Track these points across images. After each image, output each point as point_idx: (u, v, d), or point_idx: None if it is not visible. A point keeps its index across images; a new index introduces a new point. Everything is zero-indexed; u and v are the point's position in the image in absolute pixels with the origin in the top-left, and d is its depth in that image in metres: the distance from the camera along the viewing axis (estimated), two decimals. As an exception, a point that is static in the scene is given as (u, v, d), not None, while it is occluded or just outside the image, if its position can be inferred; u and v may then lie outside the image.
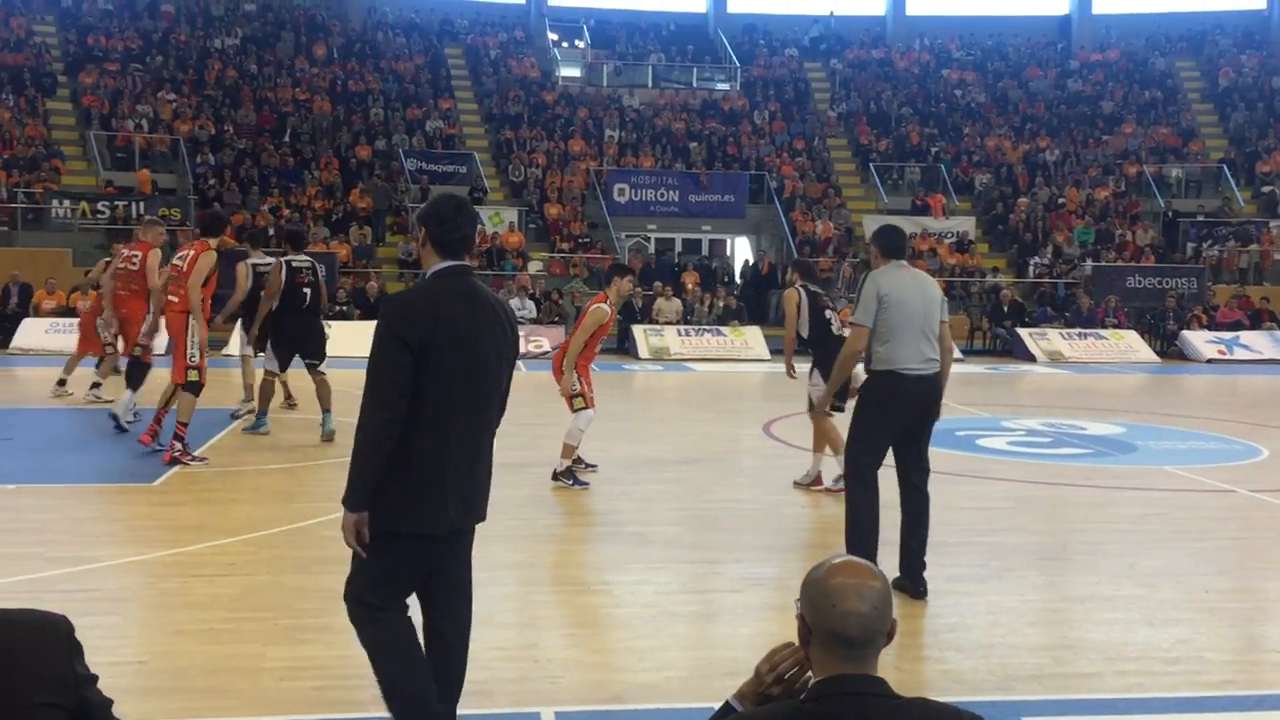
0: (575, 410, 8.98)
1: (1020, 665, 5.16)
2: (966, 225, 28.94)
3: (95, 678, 2.32)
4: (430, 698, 3.84)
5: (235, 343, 14.46)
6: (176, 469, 9.12)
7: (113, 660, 4.60)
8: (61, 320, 19.93)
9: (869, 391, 6.26)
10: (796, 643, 2.43)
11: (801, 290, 9.28)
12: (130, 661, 4.86)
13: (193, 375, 9.46)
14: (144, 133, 27.05)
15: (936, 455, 10.70)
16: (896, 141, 31.81)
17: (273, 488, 8.65)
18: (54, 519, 7.46)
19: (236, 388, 12.84)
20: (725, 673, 5.04)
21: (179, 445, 9.35)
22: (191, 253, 9.68)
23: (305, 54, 31.80)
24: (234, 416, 11.99)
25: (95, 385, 13.19)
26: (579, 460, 9.17)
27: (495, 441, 4.04)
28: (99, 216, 24.22)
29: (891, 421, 6.17)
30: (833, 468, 8.83)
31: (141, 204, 24.60)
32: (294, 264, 11.00)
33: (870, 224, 28.56)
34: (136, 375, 11.19)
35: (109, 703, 2.34)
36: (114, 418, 11.00)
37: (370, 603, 3.79)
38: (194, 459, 9.41)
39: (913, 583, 6.09)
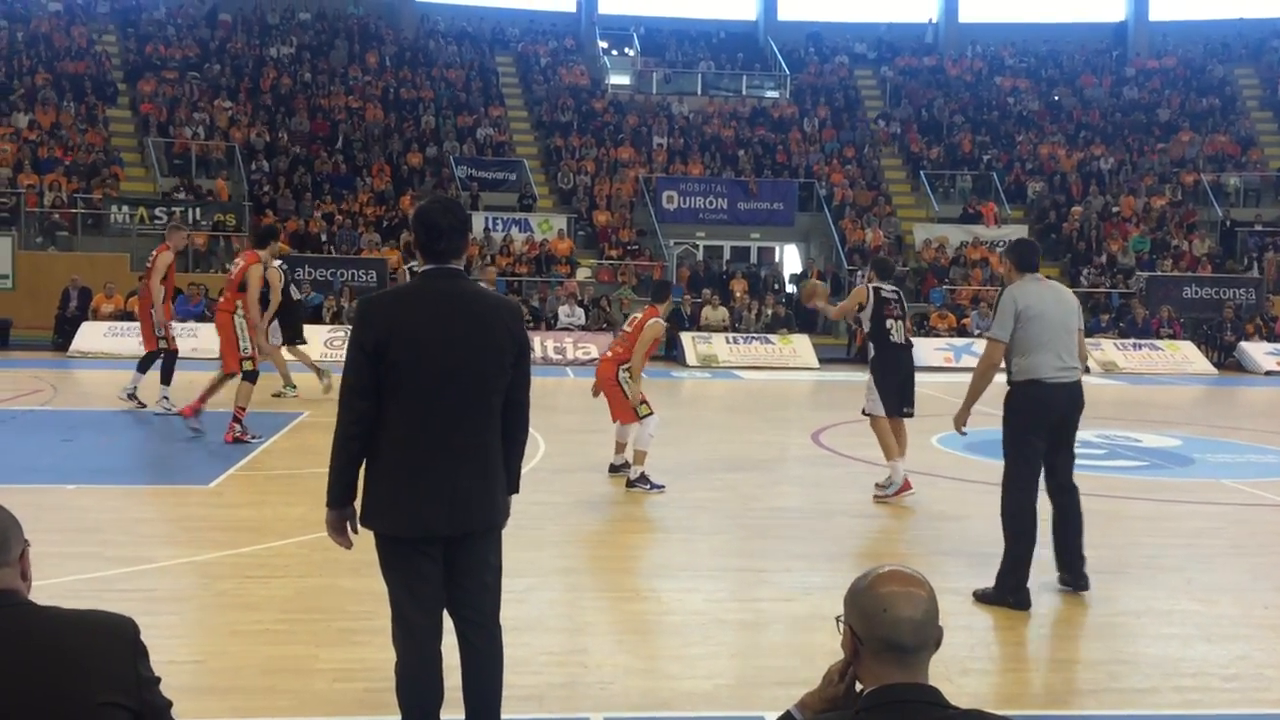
0: (643, 417, 9.24)
1: (1075, 680, 5.10)
2: (1019, 233, 28.61)
3: (158, 680, 2.35)
4: (427, 716, 3.82)
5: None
6: (231, 471, 9.26)
7: (170, 659, 4.67)
8: (120, 324, 20.30)
9: (1014, 403, 6.35)
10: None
11: (871, 290, 9.30)
12: (187, 661, 4.94)
13: (247, 365, 10.88)
14: (200, 140, 27.49)
15: (988, 466, 10.59)
16: (948, 149, 31.57)
17: (322, 488, 8.73)
18: (112, 519, 7.59)
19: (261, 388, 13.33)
20: (775, 682, 5.02)
21: (238, 426, 10.53)
22: (242, 262, 10.45)
23: (358, 62, 32.17)
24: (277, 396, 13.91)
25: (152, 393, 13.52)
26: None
27: (539, 447, 4.02)
28: (156, 222, 24.63)
29: (1039, 428, 6.32)
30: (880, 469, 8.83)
31: (198, 209, 25.03)
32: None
33: (921, 232, 28.46)
34: (158, 364, 12.73)
35: (168, 704, 2.37)
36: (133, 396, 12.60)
37: (395, 601, 3.82)
38: (253, 437, 10.62)
39: (1075, 578, 6.29)
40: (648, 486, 9.09)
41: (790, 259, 30.60)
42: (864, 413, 9.15)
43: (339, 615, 5.65)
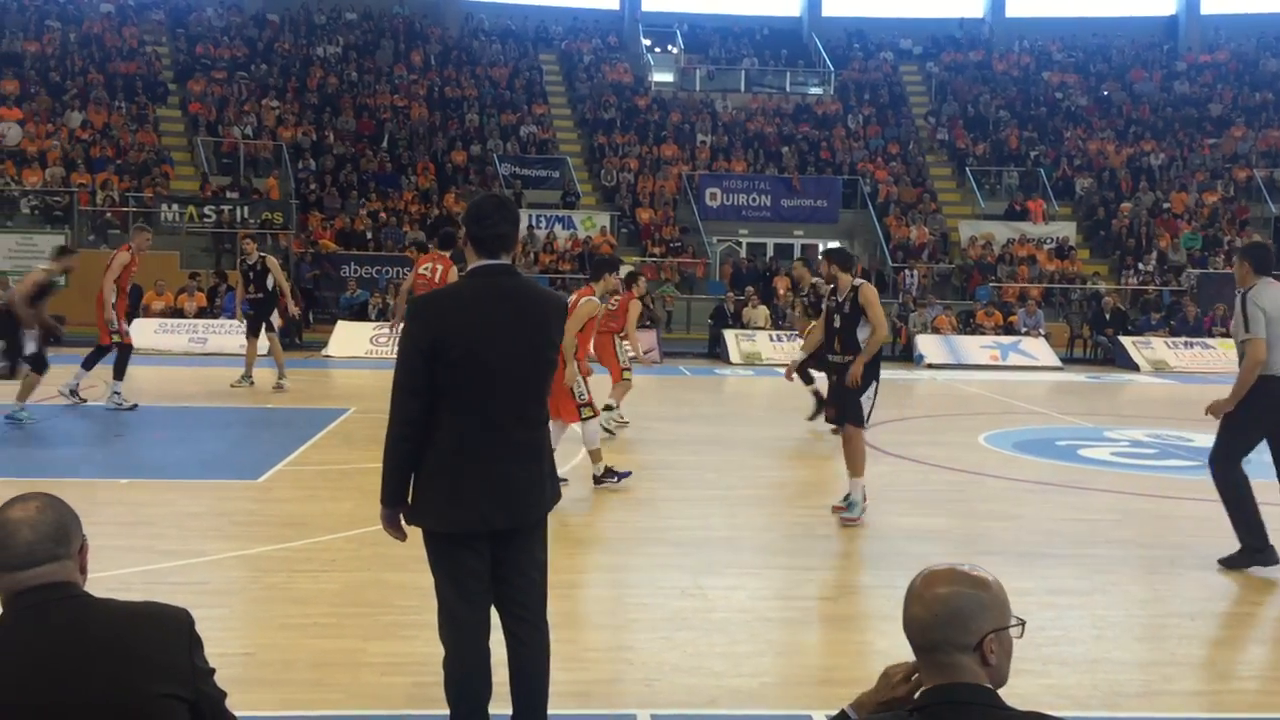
0: (584, 419, 8.76)
1: (1127, 682, 5.03)
2: (1067, 231, 28.33)
3: (212, 671, 2.38)
4: (475, 711, 3.84)
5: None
6: (280, 466, 9.36)
7: (221, 651, 4.70)
8: (170, 320, 20.59)
9: (1250, 396, 6.70)
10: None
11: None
12: (237, 653, 4.99)
13: None
14: (249, 139, 27.80)
15: (1036, 465, 10.48)
16: (994, 145, 31.26)
17: (373, 486, 8.76)
18: (163, 513, 7.70)
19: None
20: (820, 680, 5.00)
21: None
22: (440, 267, 11.38)
23: (404, 61, 32.40)
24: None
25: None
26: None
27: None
28: (205, 220, 24.97)
29: (1265, 421, 6.76)
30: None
31: (245, 208, 25.32)
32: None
33: (966, 229, 28.20)
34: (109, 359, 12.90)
35: (223, 695, 2.40)
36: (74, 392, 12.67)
37: (442, 597, 3.83)
38: None
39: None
40: (615, 480, 8.88)
41: (834, 256, 30.42)
42: (852, 422, 8.00)
43: (387, 610, 5.69)
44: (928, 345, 21.99)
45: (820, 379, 11.76)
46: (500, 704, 3.91)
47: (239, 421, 12.49)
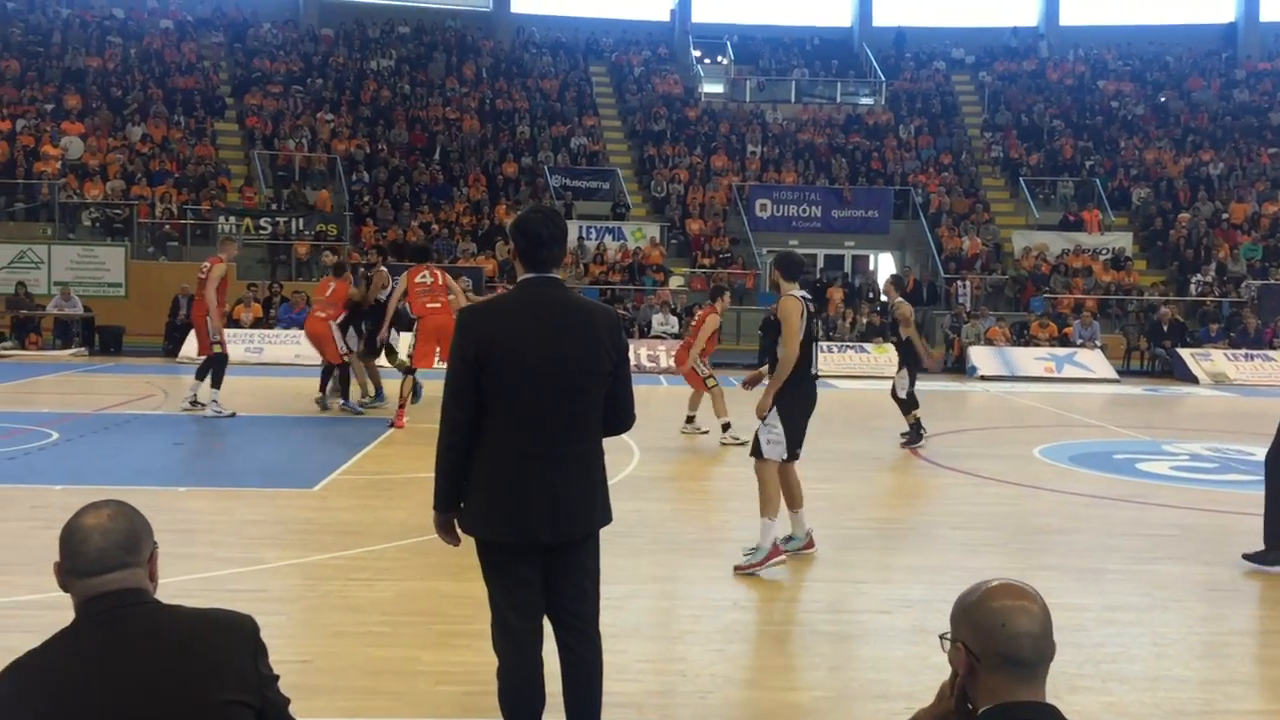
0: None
1: (1187, 700, 4.94)
2: (1123, 241, 27.94)
3: (277, 677, 2.40)
4: (529, 717, 3.84)
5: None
6: (335, 475, 9.46)
7: (278, 658, 4.71)
8: (227, 330, 20.83)
9: None
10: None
11: (802, 301, 6.99)
12: (294, 660, 5.04)
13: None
14: (304, 152, 28.19)
15: (1093, 479, 10.35)
16: (1048, 155, 30.92)
17: (426, 495, 8.85)
18: (222, 521, 7.81)
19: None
20: (875, 695, 4.96)
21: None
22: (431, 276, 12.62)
23: (455, 74, 32.70)
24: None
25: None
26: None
27: (633, 455, 4.02)
28: (261, 232, 25.34)
29: None
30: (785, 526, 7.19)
31: (301, 220, 25.67)
32: None
33: (1020, 240, 27.90)
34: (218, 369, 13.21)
35: (286, 701, 2.43)
36: (200, 404, 13.11)
37: (495, 607, 3.85)
38: None
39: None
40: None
41: (885, 267, 30.25)
42: (753, 454, 7.10)
43: (440, 619, 5.73)
44: (980, 357, 21.78)
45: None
46: (554, 714, 3.92)
47: (295, 431, 12.65)
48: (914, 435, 12.02)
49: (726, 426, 11.94)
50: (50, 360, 19.77)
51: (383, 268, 15.21)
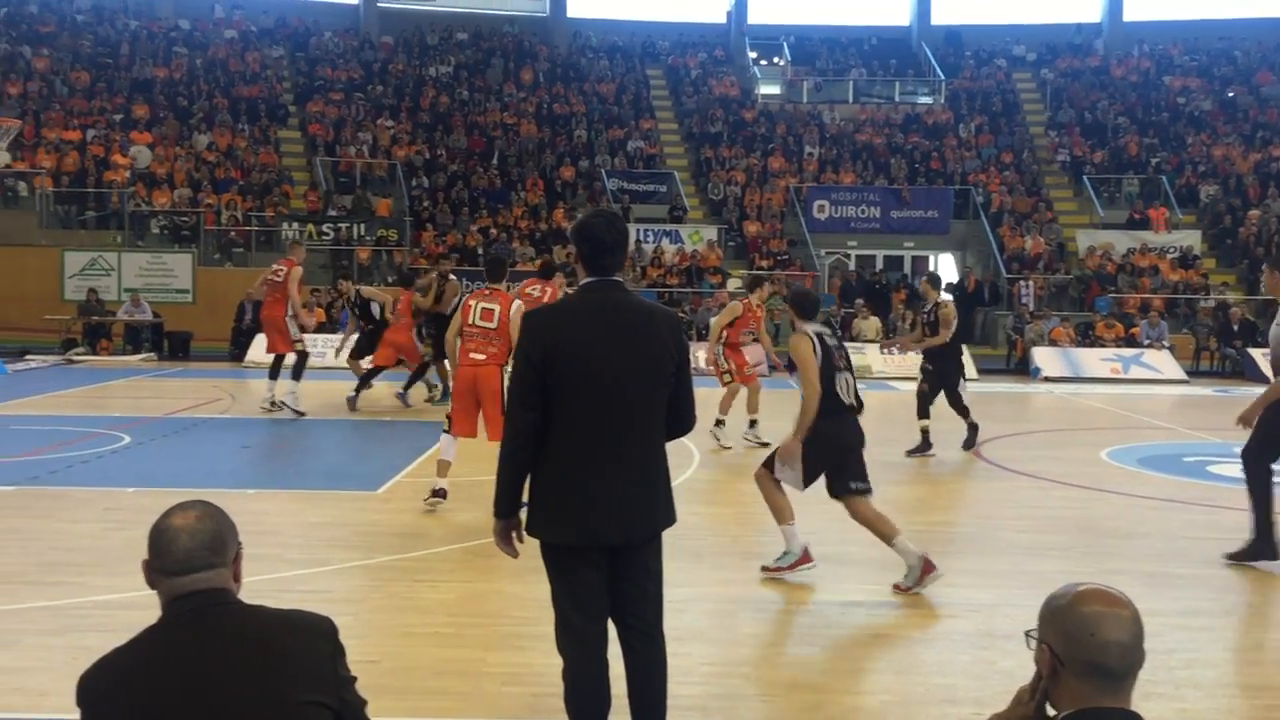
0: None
1: (1264, 708, 4.84)
2: (1191, 239, 27.40)
3: (354, 679, 2.43)
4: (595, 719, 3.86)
5: None
6: (398, 477, 9.57)
7: (348, 659, 4.84)
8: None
9: None
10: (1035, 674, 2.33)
11: (814, 338, 6.60)
12: (362, 660, 5.05)
13: None
14: (364, 158, 28.55)
15: (1162, 481, 10.16)
16: (1113, 153, 30.41)
17: (488, 497, 8.92)
18: (288, 523, 7.93)
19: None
20: (941, 700, 4.91)
21: None
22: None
23: (513, 79, 32.92)
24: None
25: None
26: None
27: (694, 458, 4.02)
28: (324, 238, 25.70)
29: None
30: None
31: (362, 225, 25.99)
32: None
33: (1084, 239, 27.48)
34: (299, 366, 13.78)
35: (363, 703, 2.45)
36: (282, 405, 13.37)
37: (560, 609, 3.87)
38: None
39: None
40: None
41: (946, 268, 29.94)
42: (765, 465, 6.93)
43: (504, 620, 5.78)
44: (1044, 358, 21.48)
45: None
46: (619, 716, 3.92)
47: (358, 434, 12.81)
48: (923, 445, 11.54)
49: (720, 423, 11.80)
50: (121, 365, 20.20)
51: (452, 277, 15.55)
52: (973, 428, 11.78)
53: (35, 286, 23.16)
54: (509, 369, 9.84)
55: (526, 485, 3.89)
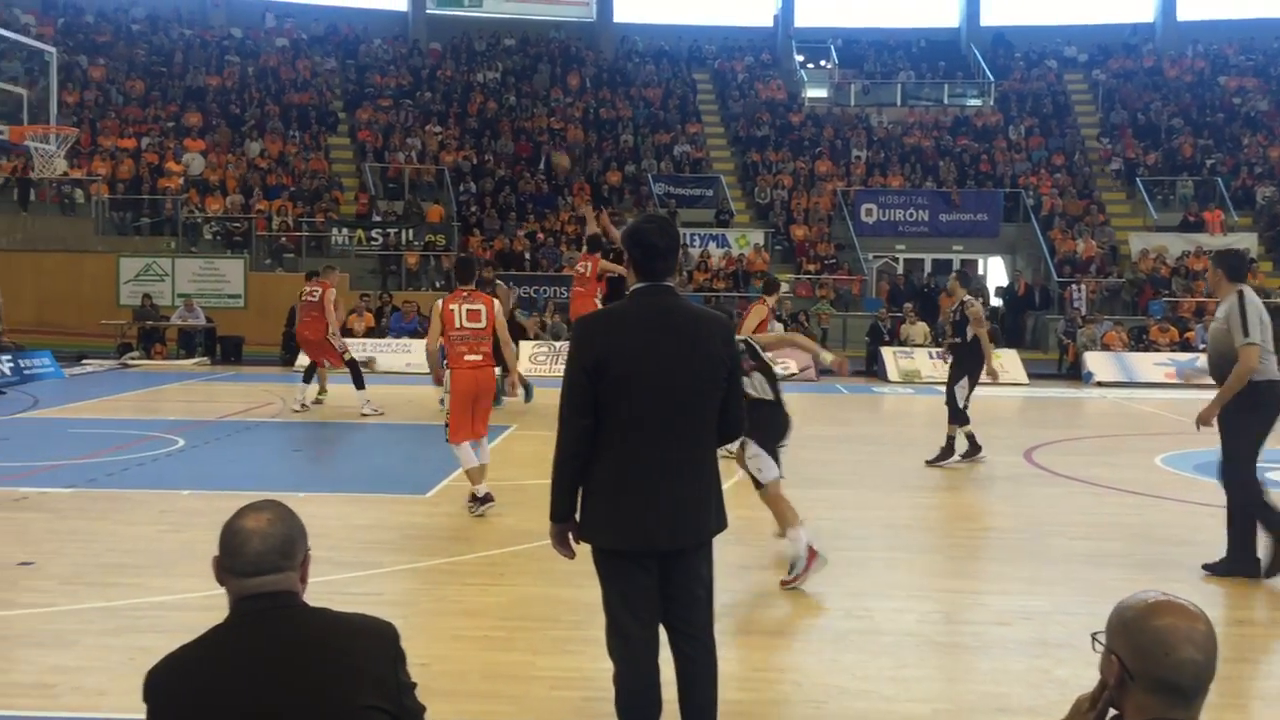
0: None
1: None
2: (1247, 242, 26.88)
3: (414, 685, 2.44)
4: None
5: None
6: (447, 481, 9.61)
7: (398, 660, 4.87)
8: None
9: (1257, 401, 6.59)
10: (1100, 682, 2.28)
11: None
12: (413, 663, 5.05)
13: None
14: (413, 164, 28.78)
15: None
16: (1166, 154, 29.97)
17: (535, 501, 8.94)
18: (339, 526, 7.99)
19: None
20: (995, 709, 4.85)
21: None
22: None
23: (560, 84, 33.05)
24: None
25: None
26: None
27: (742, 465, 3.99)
28: (373, 243, 25.93)
29: (1269, 426, 6.70)
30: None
31: (410, 231, 26.19)
32: None
33: (1137, 241, 27.11)
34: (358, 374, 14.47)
35: (422, 709, 2.45)
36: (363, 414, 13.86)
37: (611, 613, 3.86)
38: None
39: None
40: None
41: (995, 271, 29.65)
42: (758, 488, 7.05)
43: (554, 624, 5.78)
44: (1097, 363, 21.19)
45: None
46: (670, 721, 3.91)
47: (406, 438, 12.89)
48: (946, 452, 11.07)
49: None
50: (175, 369, 20.50)
51: (501, 283, 15.69)
52: (950, 443, 11.07)
53: (91, 292, 23.59)
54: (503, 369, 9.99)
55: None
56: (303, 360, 20.86)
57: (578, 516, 3.88)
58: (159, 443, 11.64)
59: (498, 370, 9.29)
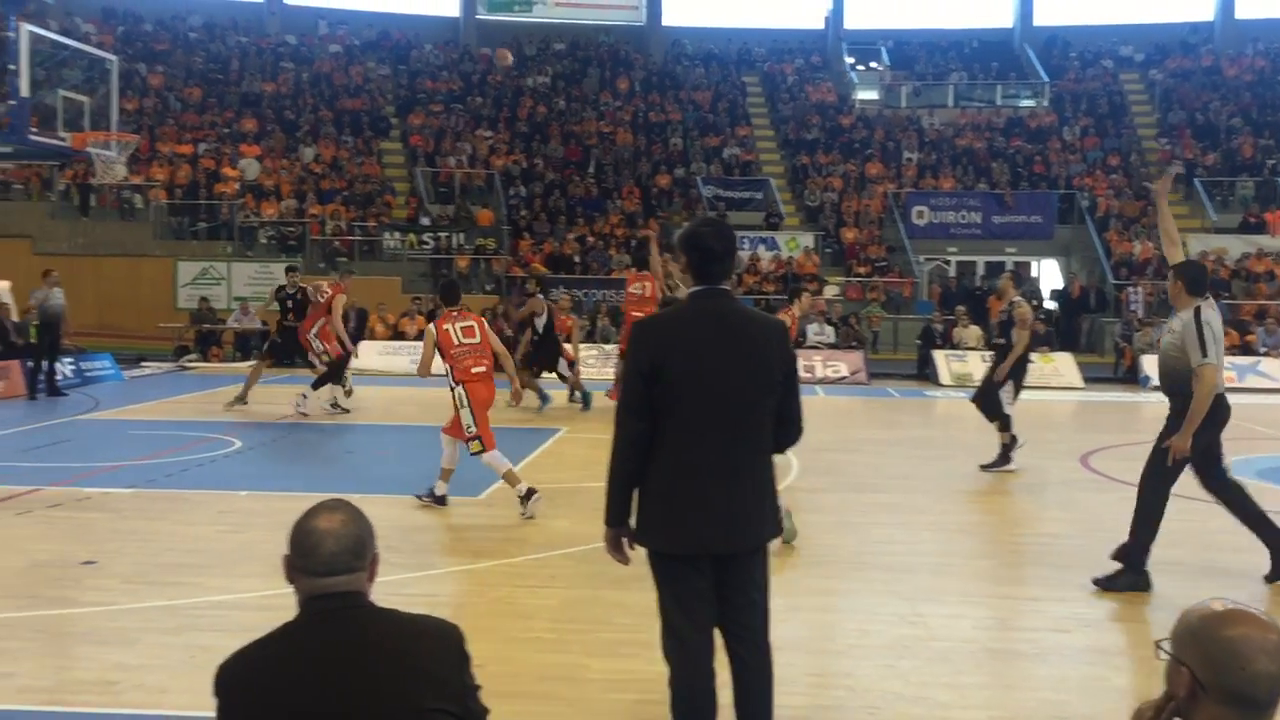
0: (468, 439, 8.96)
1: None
2: (1310, 243, 26.38)
3: (479, 688, 2.45)
4: None
5: None
6: (499, 483, 9.66)
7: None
8: (393, 343, 21.61)
9: (1212, 415, 6.52)
10: (1164, 692, 2.23)
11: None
12: (467, 664, 5.17)
13: None
14: (463, 168, 28.99)
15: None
16: (1225, 155, 29.44)
17: (587, 504, 8.97)
18: (393, 527, 8.05)
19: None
20: (1053, 717, 4.80)
21: None
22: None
23: (609, 88, 33.13)
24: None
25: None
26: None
27: (792, 466, 3.98)
28: (424, 247, 26.15)
29: (1215, 436, 6.68)
30: None
31: (461, 235, 26.38)
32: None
33: (1196, 243, 26.62)
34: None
35: (485, 712, 2.46)
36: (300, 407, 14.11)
37: (666, 617, 3.86)
38: None
39: None
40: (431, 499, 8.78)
41: (1049, 274, 29.29)
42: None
43: (606, 627, 5.79)
44: (1154, 366, 20.81)
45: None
46: (725, 725, 3.90)
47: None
48: (1003, 458, 10.99)
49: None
50: (231, 372, 20.78)
51: (539, 296, 15.73)
52: (1007, 447, 10.98)
53: (150, 295, 24.01)
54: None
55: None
56: (357, 363, 21.11)
57: (633, 520, 3.89)
58: (216, 444, 11.81)
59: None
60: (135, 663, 5.22)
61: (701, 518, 3.75)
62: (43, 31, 16.33)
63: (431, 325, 8.91)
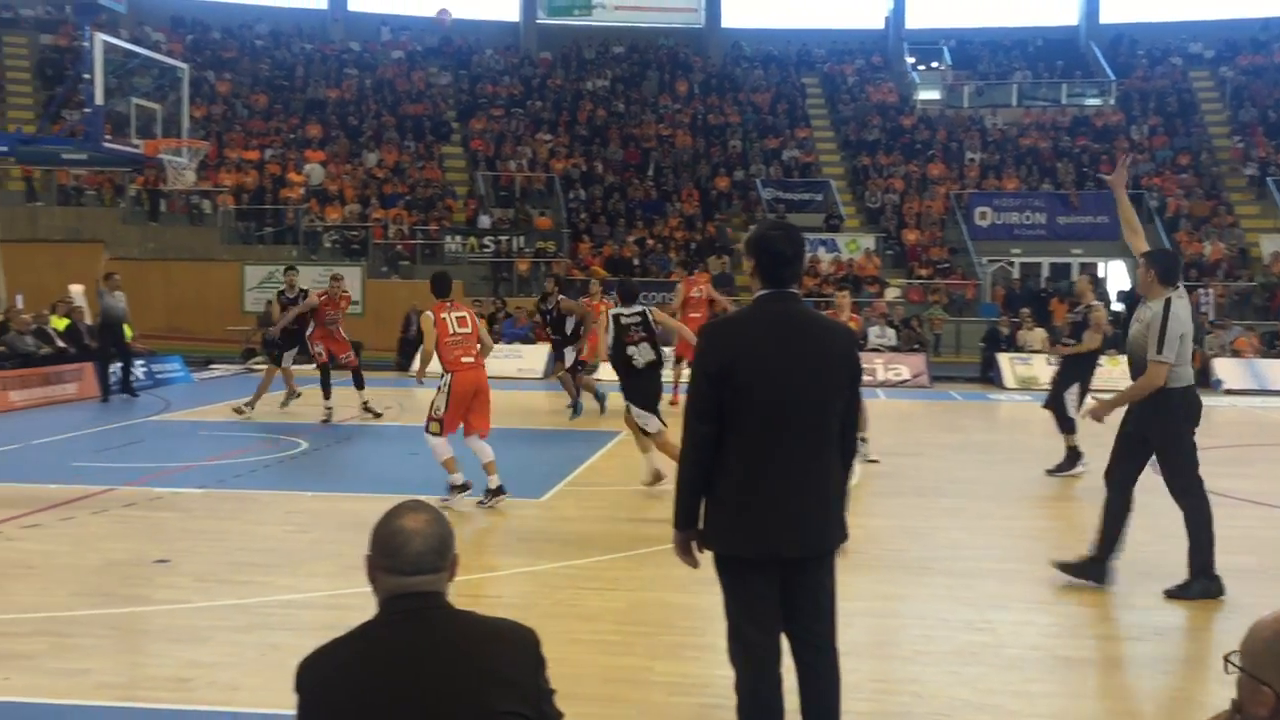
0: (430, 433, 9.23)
1: None
2: (1388, 243, 25.69)
3: (554, 692, 2.46)
4: None
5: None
6: (560, 485, 9.72)
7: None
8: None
9: (1185, 410, 6.52)
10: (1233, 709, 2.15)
11: (610, 317, 9.61)
12: (532, 665, 5.20)
13: None
14: (524, 172, 29.17)
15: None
16: (1299, 153, 28.75)
17: (651, 508, 9.00)
18: (456, 529, 8.12)
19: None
20: (1126, 727, 4.72)
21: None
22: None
23: (668, 91, 33.15)
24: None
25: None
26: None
27: (855, 470, 3.95)
28: (485, 250, 26.35)
29: (1196, 425, 6.60)
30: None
31: (521, 238, 26.53)
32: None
33: (1269, 244, 26.03)
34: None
35: (560, 716, 2.47)
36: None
37: (733, 621, 3.84)
38: None
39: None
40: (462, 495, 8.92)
41: (1116, 275, 28.77)
42: (645, 433, 9.31)
43: (670, 630, 5.80)
44: (1226, 370, 20.42)
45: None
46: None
47: (520, 442, 13.03)
48: (1069, 461, 10.76)
49: (862, 439, 11.32)
50: (297, 374, 21.06)
51: (588, 300, 15.89)
52: (1072, 452, 10.76)
53: (218, 299, 24.44)
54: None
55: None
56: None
57: (701, 524, 3.89)
58: (283, 445, 12.00)
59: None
60: (208, 660, 5.31)
61: (769, 521, 3.73)
62: (115, 40, 16.66)
63: (428, 314, 9.27)
